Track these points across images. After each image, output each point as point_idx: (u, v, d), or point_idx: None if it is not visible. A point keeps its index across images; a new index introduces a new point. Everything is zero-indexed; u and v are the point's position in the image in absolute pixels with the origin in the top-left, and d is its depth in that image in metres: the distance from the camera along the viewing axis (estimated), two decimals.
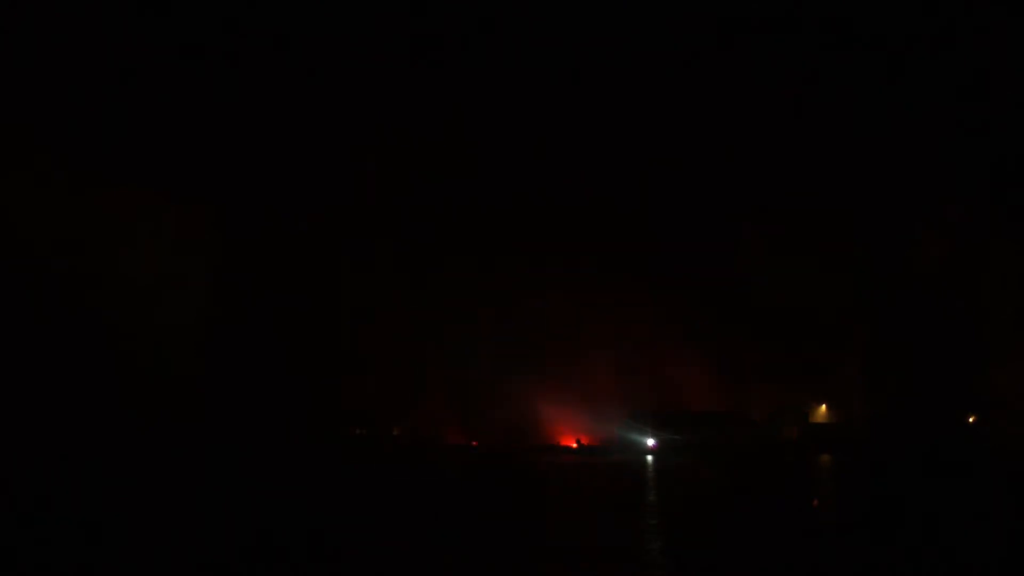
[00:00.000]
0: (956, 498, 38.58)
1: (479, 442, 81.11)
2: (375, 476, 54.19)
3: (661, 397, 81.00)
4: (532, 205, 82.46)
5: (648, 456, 73.71)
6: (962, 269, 79.25)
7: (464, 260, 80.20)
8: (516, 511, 36.23)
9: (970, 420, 79.25)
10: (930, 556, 24.40)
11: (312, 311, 78.52)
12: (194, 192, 75.66)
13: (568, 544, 26.84)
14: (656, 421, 78.70)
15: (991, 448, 68.46)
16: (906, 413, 74.31)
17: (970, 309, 78.08)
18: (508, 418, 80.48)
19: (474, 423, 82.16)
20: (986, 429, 76.44)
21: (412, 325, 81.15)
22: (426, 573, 23.28)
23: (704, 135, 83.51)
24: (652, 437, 77.71)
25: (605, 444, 77.68)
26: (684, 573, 23.30)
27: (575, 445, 79.53)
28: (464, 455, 74.69)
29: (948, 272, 79.17)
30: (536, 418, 79.85)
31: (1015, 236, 77.54)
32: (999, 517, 31.95)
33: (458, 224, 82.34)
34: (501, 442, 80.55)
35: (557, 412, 79.47)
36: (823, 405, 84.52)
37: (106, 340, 70.60)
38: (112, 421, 66.80)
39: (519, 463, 65.17)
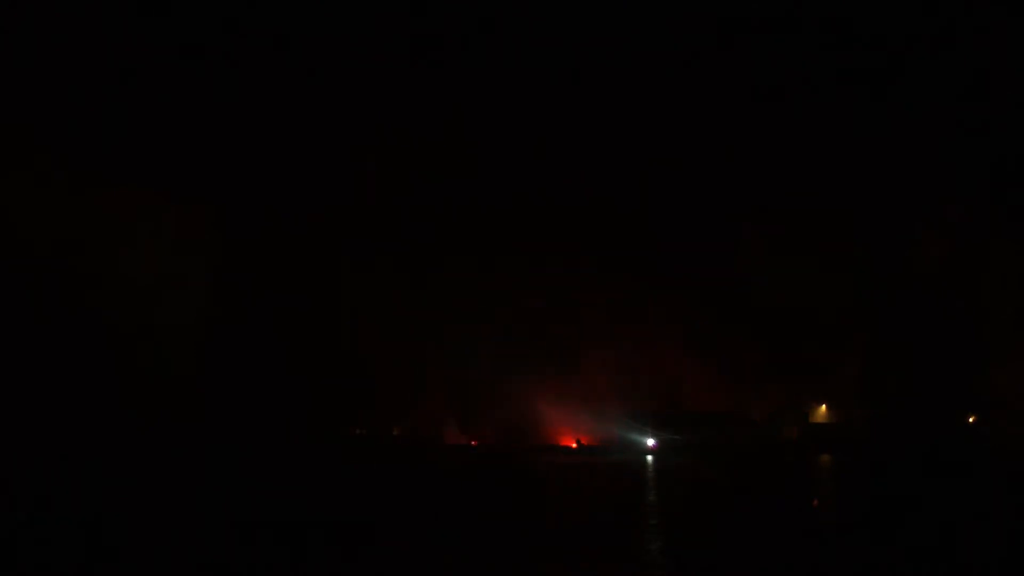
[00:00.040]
0: (956, 498, 38.58)
1: (479, 442, 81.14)
2: (375, 476, 54.19)
3: (661, 397, 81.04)
4: (532, 205, 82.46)
5: (648, 456, 73.73)
6: (962, 269, 79.23)
7: (464, 260, 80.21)
8: (516, 511, 36.23)
9: (970, 420, 79.26)
10: (930, 556, 24.41)
11: (312, 311, 78.51)
12: (194, 192, 75.66)
13: (568, 544, 26.84)
14: (656, 421, 78.70)
15: (991, 448, 68.50)
16: (906, 413, 74.32)
17: (970, 309, 78.07)
18: (508, 418, 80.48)
19: (474, 423, 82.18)
20: (986, 429, 76.45)
21: (412, 325, 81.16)
22: (426, 573, 23.28)
23: (704, 135, 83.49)
24: (652, 437, 77.71)
25: (605, 444, 77.65)
26: (684, 573, 23.31)
27: (575, 445, 79.52)
28: (464, 455, 74.73)
29: (948, 272, 79.16)
30: (536, 418, 79.84)
31: (1015, 236, 77.53)
32: (999, 517, 31.96)
33: (458, 224, 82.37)
34: (501, 442, 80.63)
35: (557, 412, 79.45)
36: (823, 405, 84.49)
37: (106, 340, 70.60)
38: (112, 421, 66.82)
39: (519, 463, 65.19)
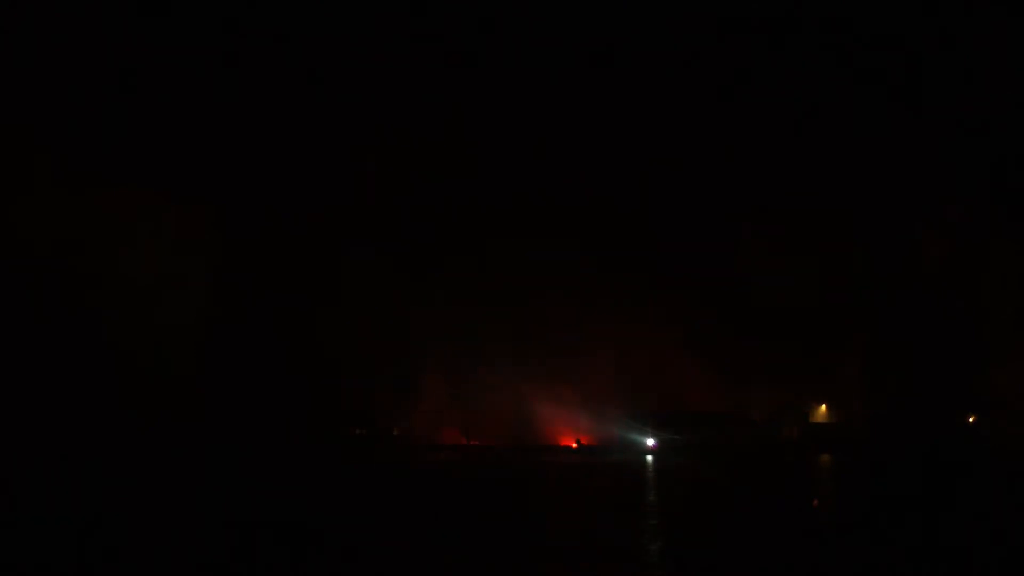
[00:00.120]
0: (956, 498, 38.59)
1: (479, 442, 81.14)
2: (375, 476, 54.19)
3: (661, 397, 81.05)
4: (532, 205, 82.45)
5: (648, 456, 73.73)
6: (962, 269, 79.26)
7: (464, 260, 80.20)
8: (516, 511, 36.22)
9: (970, 420, 79.28)
10: (930, 556, 24.41)
11: (312, 311, 78.52)
12: (194, 192, 75.67)
13: (568, 544, 26.83)
14: (656, 421, 78.70)
15: (991, 448, 68.54)
16: (906, 413, 74.33)
17: (970, 309, 78.10)
18: (508, 418, 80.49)
19: (474, 423, 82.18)
20: (986, 429, 76.48)
21: (412, 325, 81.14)
22: (426, 573, 23.27)
23: (704, 135, 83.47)
24: (652, 437, 77.70)
25: (605, 444, 77.66)
26: (684, 573, 23.30)
27: (575, 445, 79.52)
28: (464, 455, 74.72)
29: (948, 272, 79.19)
30: (536, 418, 79.82)
31: (1015, 236, 77.56)
32: (999, 517, 31.96)
33: (458, 224, 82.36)
34: (501, 442, 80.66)
35: (557, 412, 79.45)
36: (823, 405, 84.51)
37: (106, 340, 70.60)
38: (112, 421, 66.81)
39: (519, 463, 65.19)
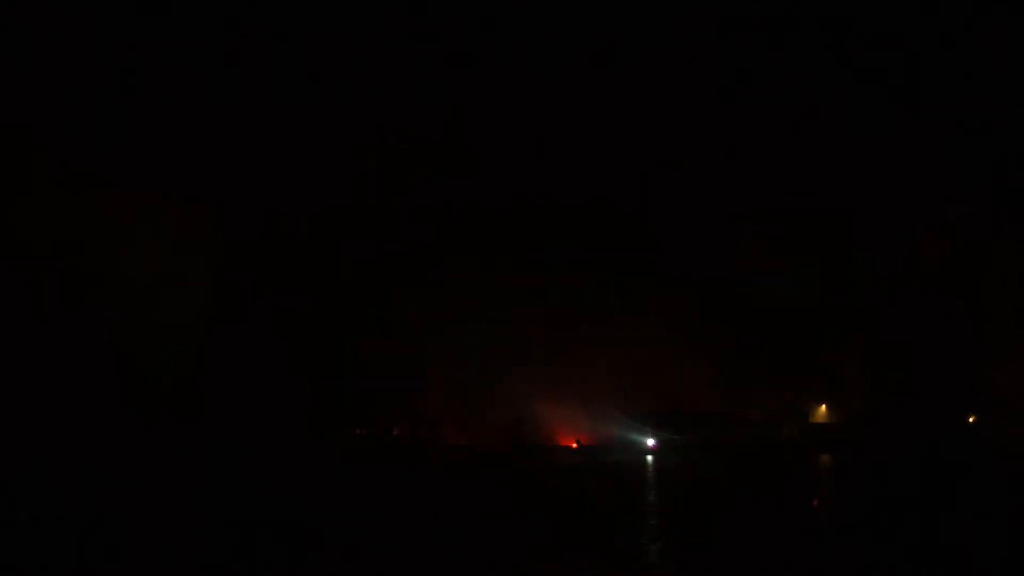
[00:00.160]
0: (956, 498, 38.58)
1: (479, 442, 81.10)
2: (375, 476, 54.17)
3: (661, 397, 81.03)
4: (532, 205, 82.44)
5: (648, 456, 73.72)
6: (962, 269, 79.27)
7: (464, 260, 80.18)
8: (516, 511, 36.21)
9: (970, 420, 79.26)
10: (930, 556, 24.40)
11: (312, 311, 78.48)
12: (194, 192, 75.64)
13: (568, 544, 26.82)
14: (656, 421, 78.68)
15: (991, 448, 68.52)
16: (906, 413, 74.33)
17: (970, 309, 78.10)
18: (508, 418, 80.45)
19: (474, 423, 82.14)
20: (986, 429, 76.47)
21: (412, 325, 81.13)
22: (426, 573, 23.26)
23: (704, 135, 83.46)
24: (652, 437, 77.68)
25: (605, 444, 77.65)
26: (684, 573, 23.30)
27: (575, 445, 79.51)
28: (464, 455, 74.70)
29: (948, 272, 79.19)
30: (536, 418, 79.79)
31: (1015, 236, 77.56)
32: (999, 517, 31.95)
33: (458, 224, 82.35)
34: (501, 442, 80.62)
35: (557, 412, 79.42)
36: (823, 405, 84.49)
37: (106, 340, 70.58)
38: (112, 421, 66.79)
39: (519, 463, 65.16)
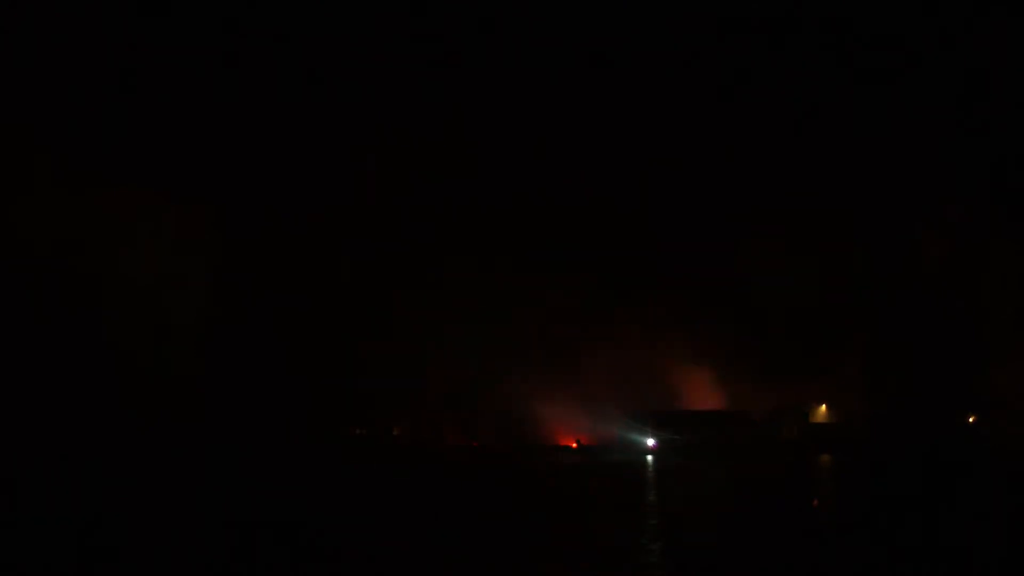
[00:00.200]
0: (956, 498, 38.59)
1: (479, 442, 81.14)
2: (375, 476, 54.19)
3: (661, 397, 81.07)
4: (532, 205, 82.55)
5: (648, 456, 73.73)
6: (962, 269, 79.32)
7: (464, 260, 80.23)
8: (516, 511, 36.21)
9: (970, 420, 79.29)
10: (930, 556, 24.40)
11: (312, 311, 78.53)
12: (194, 192, 75.75)
13: (568, 544, 26.83)
14: (656, 421, 78.69)
15: (991, 448, 68.52)
16: (906, 413, 74.34)
17: (970, 309, 78.14)
18: (508, 418, 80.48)
19: (474, 423, 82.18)
20: (986, 429, 76.48)
21: (412, 325, 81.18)
22: (426, 573, 23.27)
23: (704, 135, 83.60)
24: (652, 437, 77.70)
25: (605, 444, 77.66)
26: (684, 573, 23.29)
27: (575, 445, 79.53)
28: (464, 455, 74.70)
29: (948, 272, 79.24)
30: (536, 418, 79.82)
31: (1015, 236, 77.60)
32: (999, 517, 31.95)
33: (458, 224, 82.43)
34: (501, 442, 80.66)
35: (557, 412, 79.44)
36: (823, 405, 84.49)
37: (106, 340, 70.62)
38: (112, 421, 66.82)
39: (519, 463, 65.17)
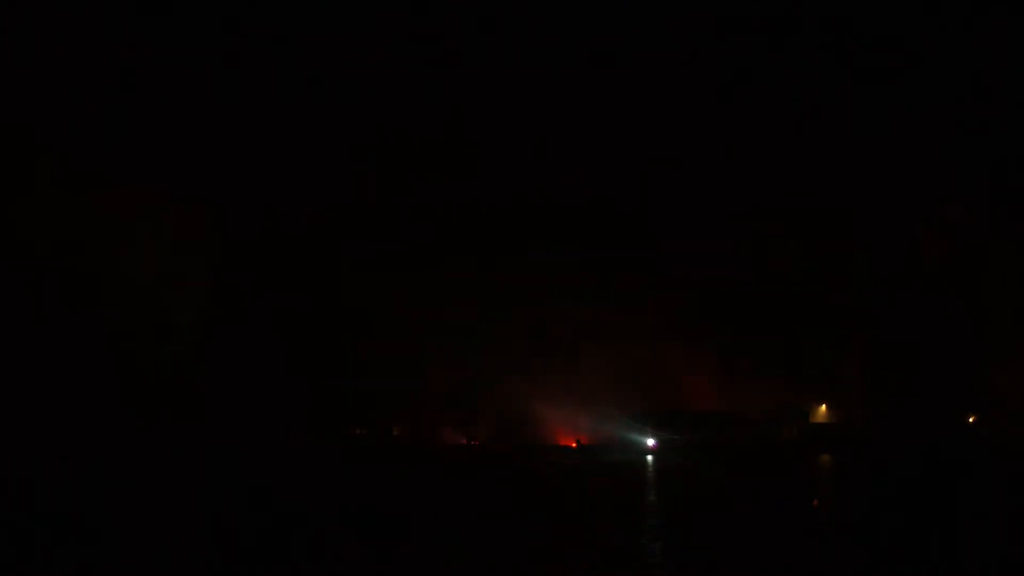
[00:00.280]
0: (956, 498, 38.59)
1: (479, 442, 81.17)
2: (375, 476, 54.18)
3: (661, 397, 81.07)
4: (532, 205, 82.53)
5: (648, 456, 73.73)
6: (962, 269, 79.27)
7: (464, 260, 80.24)
8: (516, 511, 36.20)
9: (970, 420, 79.27)
10: (930, 556, 24.40)
11: (312, 311, 78.52)
12: (194, 192, 75.75)
13: (568, 544, 26.82)
14: (656, 421, 78.74)
15: (991, 448, 68.52)
16: (906, 413, 74.32)
17: (970, 309, 78.10)
18: (508, 418, 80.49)
19: (474, 423, 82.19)
20: (986, 429, 76.47)
21: (412, 325, 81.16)
22: (426, 573, 23.27)
23: (704, 135, 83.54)
24: (652, 437, 77.73)
25: (605, 444, 77.68)
26: (684, 573, 23.29)
27: (575, 445, 79.53)
28: (464, 455, 74.72)
29: (948, 272, 79.20)
30: (536, 418, 79.84)
31: (1015, 236, 77.56)
32: (999, 517, 31.95)
33: (458, 224, 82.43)
34: (501, 442, 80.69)
35: (557, 412, 79.45)
36: (823, 405, 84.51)
37: (106, 340, 70.61)
38: (112, 421, 66.80)
39: (519, 463, 65.17)
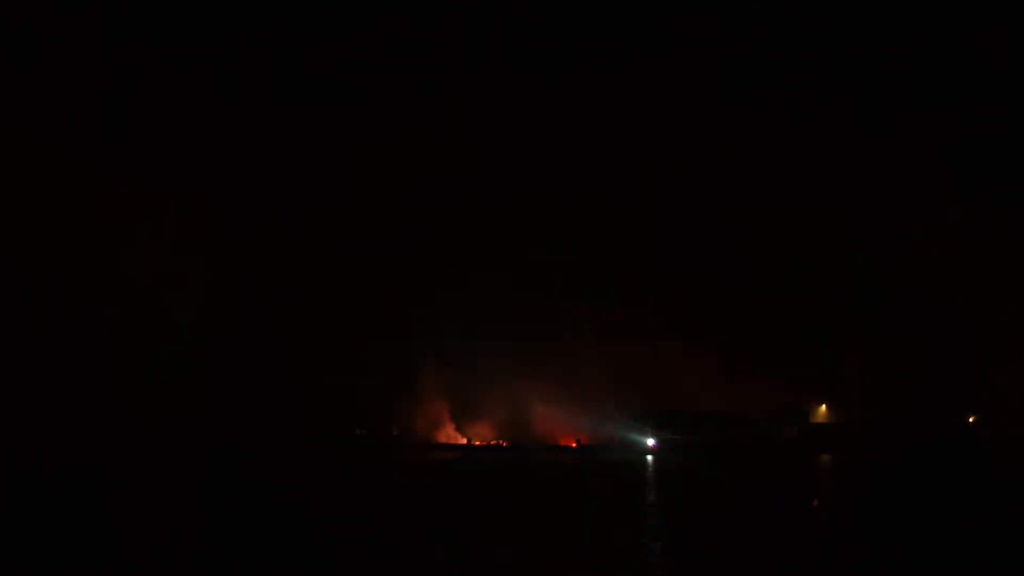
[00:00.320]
0: (956, 498, 38.60)
1: (479, 442, 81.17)
2: (375, 476, 54.19)
3: (661, 397, 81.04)
4: (532, 205, 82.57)
5: (648, 456, 73.74)
6: (962, 269, 79.27)
7: (464, 260, 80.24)
8: (516, 511, 36.21)
9: (970, 420, 79.27)
10: (930, 556, 24.41)
11: (312, 311, 78.53)
12: (194, 192, 75.78)
13: (568, 544, 26.83)
14: (656, 421, 78.74)
15: (991, 448, 68.56)
16: (906, 413, 74.33)
17: (970, 309, 78.10)
18: (508, 418, 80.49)
19: (474, 423, 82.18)
20: (986, 429, 76.48)
21: (412, 325, 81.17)
22: (426, 573, 23.27)
23: (704, 135, 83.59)
24: (652, 437, 77.74)
25: (605, 444, 77.67)
26: (684, 573, 23.29)
27: (575, 445, 79.52)
28: (464, 454, 74.70)
29: (948, 272, 79.20)
30: (536, 418, 79.83)
31: (1015, 236, 77.56)
32: (999, 517, 31.96)
33: (458, 224, 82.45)
34: (501, 442, 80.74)
35: (557, 412, 79.43)
36: (823, 405, 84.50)
37: (106, 340, 70.61)
38: (112, 421, 66.80)
39: (519, 463, 65.16)
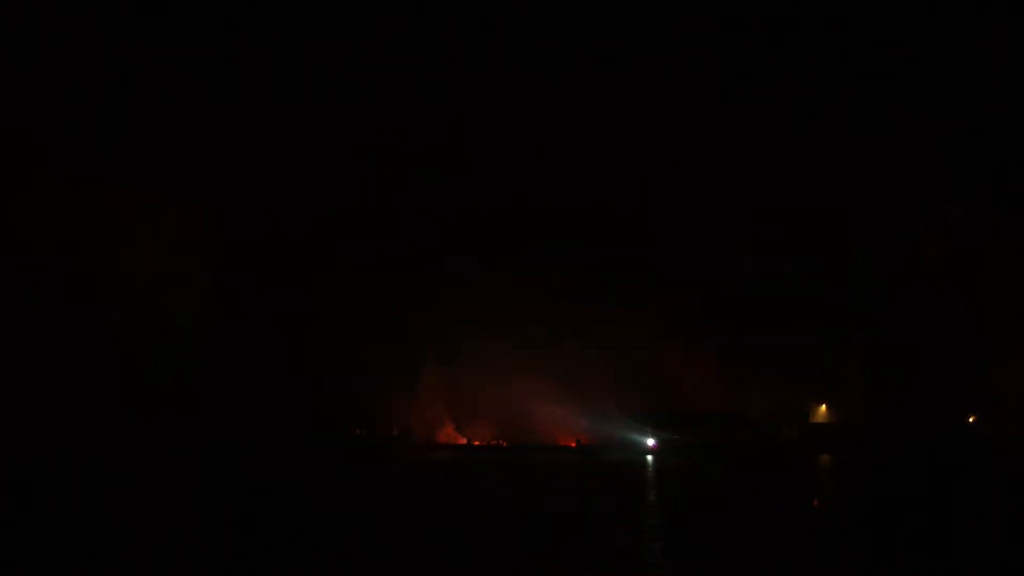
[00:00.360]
0: (956, 498, 38.60)
1: (479, 442, 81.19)
2: (375, 476, 54.19)
3: (661, 397, 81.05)
4: (532, 205, 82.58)
5: (648, 456, 73.75)
6: (962, 269, 79.27)
7: (464, 260, 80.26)
8: (516, 511, 36.20)
9: (970, 420, 79.28)
10: (930, 556, 24.41)
11: (312, 311, 78.55)
12: (194, 192, 75.80)
13: (568, 544, 26.82)
14: (656, 421, 78.77)
15: (991, 448, 68.57)
16: (906, 413, 74.36)
17: (970, 309, 78.10)
18: (508, 418, 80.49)
19: (473, 423, 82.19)
20: (986, 429, 76.49)
21: (411, 325, 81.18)
22: (426, 573, 23.27)
23: (704, 135, 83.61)
24: (652, 437, 77.75)
25: (605, 444, 77.69)
26: (684, 573, 23.29)
27: (575, 445, 79.52)
28: (464, 454, 74.71)
29: (948, 272, 79.19)
30: (536, 418, 79.84)
31: (1015, 236, 77.56)
32: (999, 517, 31.96)
33: (458, 224, 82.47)
34: (500, 442, 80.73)
35: (557, 412, 79.43)
36: (823, 405, 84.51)
37: (106, 340, 70.62)
38: (112, 421, 66.81)
39: (518, 463, 65.17)
